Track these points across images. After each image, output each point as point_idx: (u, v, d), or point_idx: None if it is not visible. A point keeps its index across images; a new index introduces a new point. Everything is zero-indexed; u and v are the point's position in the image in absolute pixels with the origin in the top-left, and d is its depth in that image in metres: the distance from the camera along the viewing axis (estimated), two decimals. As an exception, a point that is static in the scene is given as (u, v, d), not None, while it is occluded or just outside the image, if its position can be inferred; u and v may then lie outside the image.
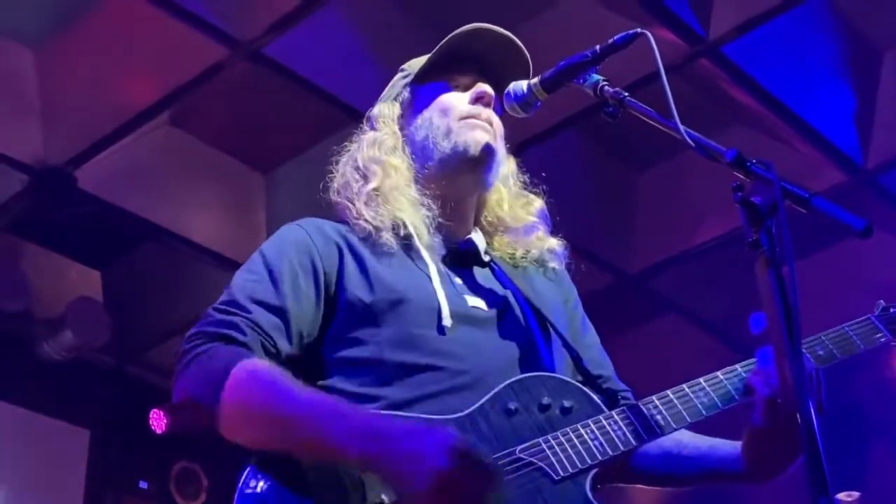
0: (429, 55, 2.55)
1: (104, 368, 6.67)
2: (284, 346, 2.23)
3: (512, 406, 2.16)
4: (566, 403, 2.20)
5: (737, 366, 2.34)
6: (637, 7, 4.83)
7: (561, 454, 2.11)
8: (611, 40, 2.25)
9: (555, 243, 2.56)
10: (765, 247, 1.84)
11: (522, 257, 2.50)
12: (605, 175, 6.17)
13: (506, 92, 2.38)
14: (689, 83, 5.21)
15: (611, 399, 2.37)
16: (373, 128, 2.53)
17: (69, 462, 6.51)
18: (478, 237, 2.48)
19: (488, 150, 2.43)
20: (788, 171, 1.93)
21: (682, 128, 2.04)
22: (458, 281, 2.38)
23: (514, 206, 2.54)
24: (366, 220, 2.36)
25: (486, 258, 2.47)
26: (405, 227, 2.36)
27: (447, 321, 2.24)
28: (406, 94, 2.54)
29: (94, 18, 5.09)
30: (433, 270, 2.33)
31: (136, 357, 6.73)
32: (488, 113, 2.46)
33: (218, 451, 6.57)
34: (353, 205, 2.40)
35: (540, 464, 2.10)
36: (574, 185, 6.08)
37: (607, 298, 6.57)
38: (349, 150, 2.54)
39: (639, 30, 2.22)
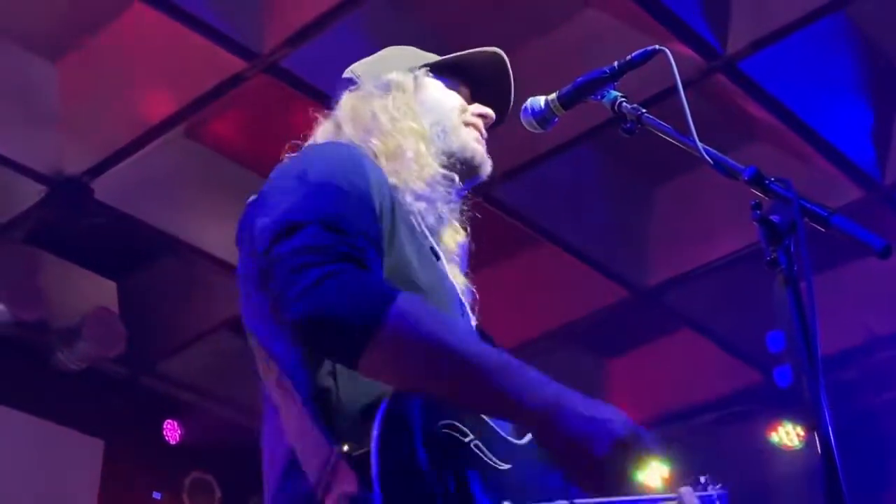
0: (458, 54, 2.47)
1: (119, 379, 6.68)
2: None
3: None
4: None
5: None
6: (654, 21, 4.83)
7: None
8: (629, 56, 2.25)
9: (466, 283, 2.35)
10: (783, 265, 1.83)
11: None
12: (621, 189, 6.17)
13: (523, 107, 2.37)
14: (705, 98, 5.21)
15: None
16: (385, 90, 2.37)
17: (83, 472, 6.52)
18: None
19: (486, 168, 2.38)
20: (805, 188, 1.92)
21: (700, 145, 2.04)
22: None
23: (445, 231, 2.33)
24: (401, 180, 2.19)
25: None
26: (430, 203, 2.22)
27: (473, 321, 2.19)
28: (420, 74, 2.41)
29: (112, 31, 5.12)
30: (442, 257, 2.23)
31: (151, 368, 6.75)
32: (484, 134, 2.42)
33: (231, 462, 6.65)
34: (382, 157, 2.22)
35: None
36: (590, 199, 6.08)
37: (621, 312, 6.58)
38: (350, 105, 2.38)
39: (657, 46, 2.22)
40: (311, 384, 1.96)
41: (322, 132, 2.39)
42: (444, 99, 2.40)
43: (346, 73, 2.48)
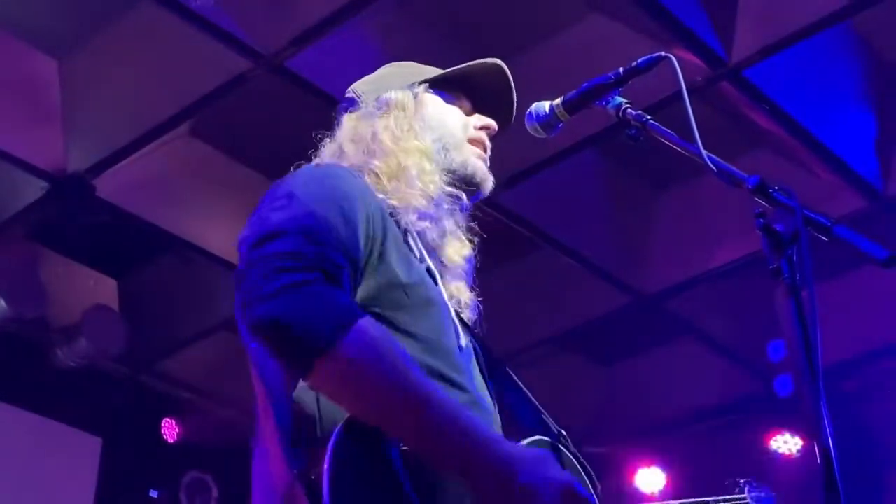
0: (443, 70, 2.49)
1: (118, 376, 6.68)
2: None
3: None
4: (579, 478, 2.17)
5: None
6: (659, 28, 4.83)
7: None
8: (634, 63, 2.25)
9: (472, 297, 2.35)
10: (786, 275, 1.83)
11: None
12: (624, 195, 6.17)
13: (528, 112, 2.38)
14: (709, 106, 5.20)
15: None
16: (384, 109, 2.37)
17: (80, 469, 6.52)
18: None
19: (488, 187, 2.39)
20: (808, 196, 1.92)
21: (704, 153, 2.04)
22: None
23: (451, 245, 2.32)
24: (403, 199, 2.19)
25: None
26: (433, 221, 2.22)
27: (463, 341, 2.19)
28: (420, 91, 2.41)
29: (116, 28, 5.12)
30: (438, 278, 2.22)
31: (150, 366, 6.75)
32: (488, 146, 2.43)
33: (228, 462, 6.64)
34: (383, 178, 2.22)
35: None
36: (592, 205, 6.08)
37: (623, 319, 6.57)
38: (351, 126, 2.38)
39: (663, 53, 2.22)
40: (284, 401, 1.98)
41: (326, 153, 2.39)
42: (445, 115, 2.40)
43: (348, 93, 2.48)
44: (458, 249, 2.32)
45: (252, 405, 2.15)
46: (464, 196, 2.34)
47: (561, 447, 2.21)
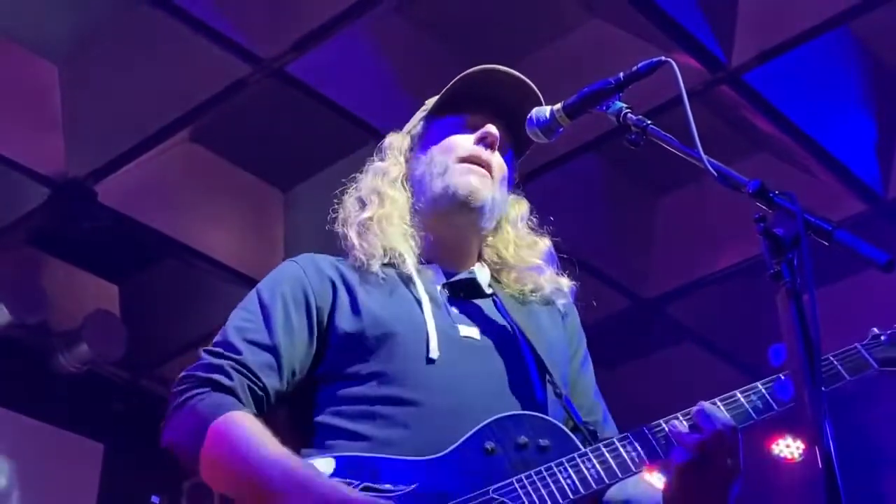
0: (444, 91, 2.54)
1: (119, 382, 6.68)
2: (274, 384, 2.27)
3: (489, 446, 2.17)
4: (542, 442, 2.20)
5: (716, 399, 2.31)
6: (659, 32, 4.84)
7: (533, 494, 2.11)
8: (634, 67, 2.25)
9: (564, 283, 2.57)
10: (786, 279, 1.83)
11: (532, 293, 2.50)
12: (624, 199, 6.17)
13: (528, 117, 2.38)
14: (709, 110, 5.21)
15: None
16: (382, 158, 2.56)
17: (82, 475, 6.51)
18: (481, 270, 2.49)
19: (477, 196, 2.43)
20: (808, 200, 1.92)
21: (704, 157, 2.04)
22: (454, 310, 2.39)
23: (519, 247, 2.55)
24: (357, 249, 2.40)
25: (489, 290, 2.47)
26: (395, 255, 2.38)
27: (434, 353, 2.26)
28: (420, 127, 2.57)
29: (117, 34, 5.12)
30: (425, 299, 2.34)
31: (152, 371, 6.74)
32: (489, 155, 2.47)
33: (230, 468, 6.63)
34: (348, 234, 2.44)
35: None
36: (593, 209, 6.08)
37: (623, 323, 6.57)
38: (357, 181, 2.57)
39: (663, 58, 2.22)
40: None
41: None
42: (435, 147, 2.50)
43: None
44: (528, 248, 2.55)
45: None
46: (459, 214, 2.44)
47: (536, 416, 2.27)
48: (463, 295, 2.43)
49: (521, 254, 2.54)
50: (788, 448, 6.89)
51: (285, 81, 5.09)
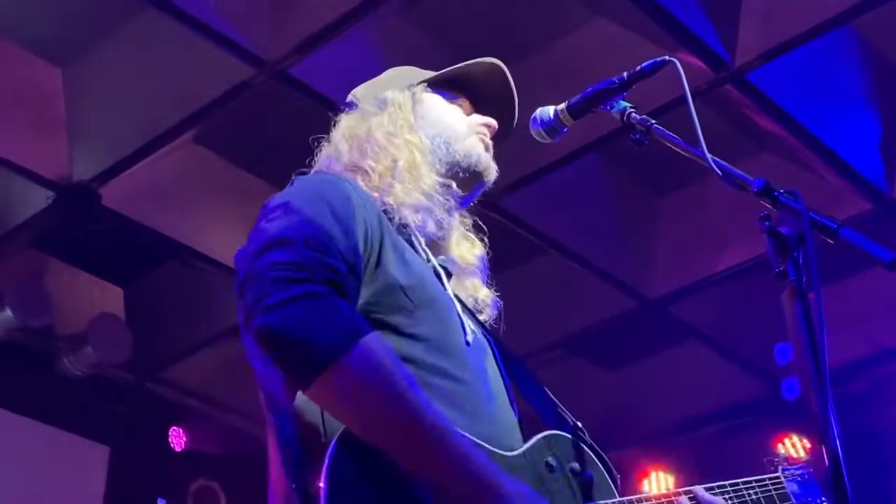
0: (440, 71, 2.50)
1: (125, 385, 6.69)
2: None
3: (552, 461, 2.12)
4: (590, 474, 2.16)
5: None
6: (663, 32, 4.83)
7: None
8: (638, 67, 2.25)
9: (490, 294, 2.38)
10: (792, 277, 1.83)
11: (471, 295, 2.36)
12: (628, 199, 6.17)
13: (532, 117, 2.38)
14: (713, 109, 5.21)
15: None
16: (381, 108, 2.38)
17: (88, 478, 6.52)
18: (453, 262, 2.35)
19: (491, 173, 2.38)
20: (813, 199, 1.92)
21: (709, 156, 2.04)
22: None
23: (461, 244, 2.38)
24: (397, 196, 2.19)
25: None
26: (428, 213, 2.22)
27: (470, 335, 2.17)
28: (418, 90, 2.43)
29: (120, 37, 5.13)
30: (443, 274, 2.24)
31: (157, 374, 6.75)
32: (489, 143, 2.43)
33: (236, 470, 6.64)
34: (376, 170, 2.23)
35: None
36: (596, 209, 6.08)
37: (627, 323, 6.57)
38: (347, 125, 2.39)
39: (667, 57, 2.22)
40: (285, 411, 1.98)
41: (322, 154, 2.39)
42: (444, 112, 2.41)
43: (348, 98, 2.50)
44: (470, 249, 2.35)
45: (259, 412, 2.16)
46: (455, 185, 2.33)
47: (579, 440, 2.21)
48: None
49: (463, 252, 2.38)
50: (795, 447, 6.88)
51: (289, 83, 5.09)
